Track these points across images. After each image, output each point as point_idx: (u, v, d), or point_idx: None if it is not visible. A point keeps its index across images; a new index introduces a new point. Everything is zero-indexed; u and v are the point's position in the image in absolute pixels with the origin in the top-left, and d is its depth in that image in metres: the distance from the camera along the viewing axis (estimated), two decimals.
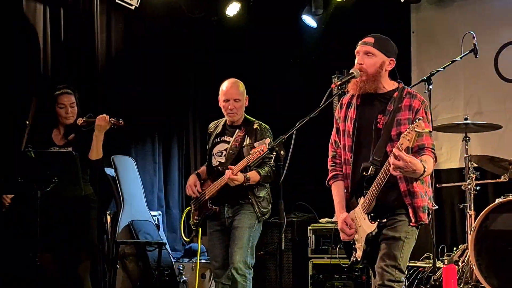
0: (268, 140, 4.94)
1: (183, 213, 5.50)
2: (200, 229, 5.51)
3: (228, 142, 5.38)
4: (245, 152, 5.23)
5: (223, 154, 5.35)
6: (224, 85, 5.41)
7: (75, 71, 7.25)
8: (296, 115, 4.19)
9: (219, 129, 5.50)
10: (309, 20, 8.46)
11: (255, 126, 5.37)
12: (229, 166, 5.12)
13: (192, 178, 5.48)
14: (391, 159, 3.73)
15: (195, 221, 5.46)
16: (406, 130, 3.73)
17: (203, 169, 5.61)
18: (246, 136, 5.32)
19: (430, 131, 3.87)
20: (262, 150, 4.79)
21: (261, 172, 5.20)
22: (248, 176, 5.12)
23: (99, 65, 7.63)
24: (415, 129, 3.63)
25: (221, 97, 5.39)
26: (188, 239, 5.78)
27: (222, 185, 5.18)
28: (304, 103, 5.39)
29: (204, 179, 5.48)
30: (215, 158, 5.41)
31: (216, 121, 5.61)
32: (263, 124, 5.42)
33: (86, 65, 7.48)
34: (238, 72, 5.26)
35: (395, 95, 4.10)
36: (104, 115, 5.37)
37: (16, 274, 5.94)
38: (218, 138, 5.46)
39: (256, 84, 8.48)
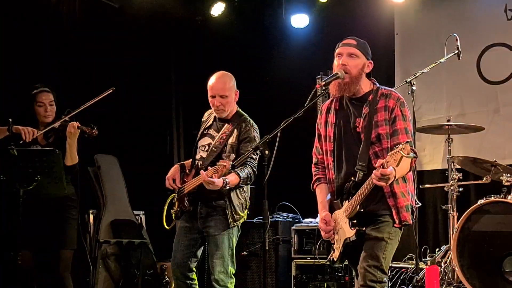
0: (232, 156, 4.68)
1: (167, 200, 5.25)
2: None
3: (213, 137, 5.10)
4: (227, 151, 4.95)
5: (206, 149, 5.08)
6: (211, 80, 5.09)
7: (58, 71, 7.21)
8: (281, 115, 4.19)
9: (210, 120, 5.21)
10: None
11: (242, 123, 5.06)
12: (209, 169, 4.77)
13: (173, 170, 5.18)
14: (376, 173, 3.71)
15: (176, 211, 5.16)
16: (392, 148, 3.77)
17: (189, 161, 5.29)
18: (234, 131, 5.02)
19: (414, 156, 3.75)
20: (225, 167, 4.59)
21: (240, 174, 4.83)
22: (227, 180, 4.75)
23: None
24: (401, 151, 3.59)
25: (208, 92, 5.09)
26: (169, 228, 5.50)
27: (200, 182, 4.82)
28: (288, 103, 5.35)
29: (189, 171, 5.19)
30: (199, 152, 5.14)
31: (211, 110, 5.25)
32: (251, 121, 5.11)
33: (68, 64, 7.43)
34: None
35: (370, 98, 4.10)
36: (74, 122, 5.28)
37: None
38: (206, 131, 5.18)
39: (240, 84, 8.48)
